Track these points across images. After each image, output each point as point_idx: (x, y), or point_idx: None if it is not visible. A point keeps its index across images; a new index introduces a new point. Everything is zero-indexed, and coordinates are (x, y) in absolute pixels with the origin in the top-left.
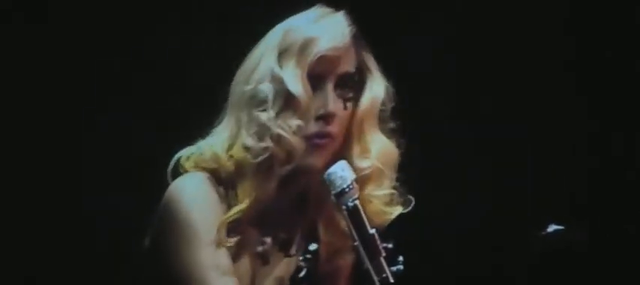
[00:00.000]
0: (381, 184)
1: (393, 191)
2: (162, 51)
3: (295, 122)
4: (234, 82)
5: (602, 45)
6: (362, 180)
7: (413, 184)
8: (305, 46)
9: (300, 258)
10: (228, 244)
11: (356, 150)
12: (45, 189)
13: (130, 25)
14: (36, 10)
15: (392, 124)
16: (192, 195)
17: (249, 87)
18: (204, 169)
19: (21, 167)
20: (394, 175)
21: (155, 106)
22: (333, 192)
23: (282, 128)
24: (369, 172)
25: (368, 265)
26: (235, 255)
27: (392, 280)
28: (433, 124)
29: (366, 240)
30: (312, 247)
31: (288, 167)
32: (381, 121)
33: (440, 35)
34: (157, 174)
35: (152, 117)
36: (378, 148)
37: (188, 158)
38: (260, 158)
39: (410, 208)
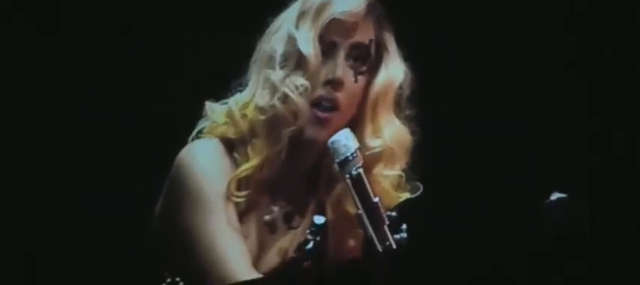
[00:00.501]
0: (392, 165)
1: (402, 174)
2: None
3: (302, 82)
4: (259, 42)
5: (603, 43)
6: (373, 158)
7: (422, 171)
8: (321, 8)
9: (307, 231)
10: (238, 200)
11: (368, 129)
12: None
13: (133, 22)
14: (36, 10)
15: (408, 111)
16: (203, 161)
17: (267, 46)
18: (217, 135)
19: (21, 166)
20: (405, 160)
21: (159, 105)
22: (336, 160)
23: (289, 87)
24: (380, 150)
25: (371, 233)
26: (243, 221)
27: (395, 248)
28: (433, 123)
29: (370, 208)
30: (319, 220)
31: (293, 128)
32: (397, 106)
33: (440, 33)
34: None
35: (154, 117)
36: (392, 130)
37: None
38: (267, 115)
39: (418, 194)
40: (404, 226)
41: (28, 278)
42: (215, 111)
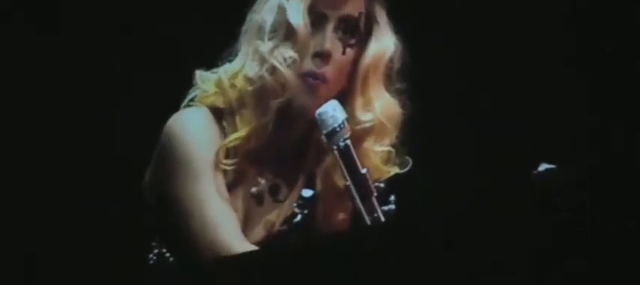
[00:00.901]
0: (382, 140)
1: (392, 149)
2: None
3: (290, 54)
4: (250, 12)
5: (603, 41)
6: (363, 133)
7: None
8: None
9: (295, 204)
10: (226, 168)
11: (358, 102)
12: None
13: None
14: (36, 10)
15: (398, 85)
16: (193, 129)
17: (258, 16)
18: (206, 104)
19: (20, 166)
20: (395, 134)
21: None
22: (324, 131)
23: (277, 60)
24: (371, 125)
25: (359, 205)
26: (230, 193)
27: (383, 219)
28: (433, 120)
29: (358, 180)
30: (307, 193)
31: (281, 100)
32: (387, 79)
33: (440, 30)
34: None
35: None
36: (382, 104)
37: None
38: (255, 86)
39: (407, 169)
40: (392, 198)
41: (27, 279)
42: (205, 80)
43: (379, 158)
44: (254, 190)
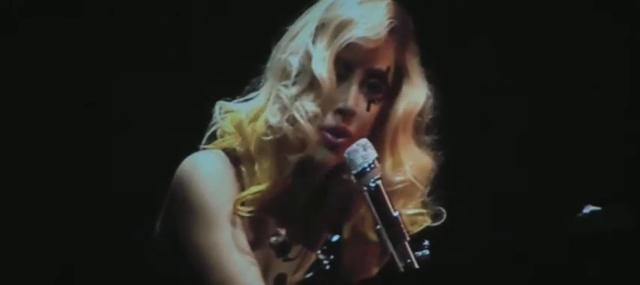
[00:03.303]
0: (412, 199)
1: (423, 211)
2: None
3: (312, 109)
4: (276, 46)
5: None
6: (393, 194)
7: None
8: (340, 27)
9: (319, 252)
10: (243, 214)
11: (388, 162)
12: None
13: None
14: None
15: (428, 138)
16: (206, 172)
17: (283, 56)
18: (222, 147)
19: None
20: (426, 186)
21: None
22: (353, 172)
23: (299, 111)
24: (402, 186)
25: (391, 249)
26: (249, 241)
27: (417, 266)
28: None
29: (389, 223)
30: (333, 238)
31: (301, 155)
32: (417, 133)
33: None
34: None
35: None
36: (413, 163)
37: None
38: (276, 137)
39: (441, 221)
40: (426, 243)
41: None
42: (225, 114)
43: (408, 219)
44: (273, 239)
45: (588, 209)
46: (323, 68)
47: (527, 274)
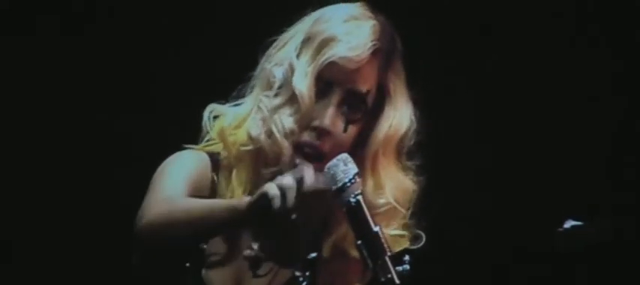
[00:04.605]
0: (393, 222)
1: (404, 232)
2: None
3: (289, 125)
4: (266, 54)
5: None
6: (374, 216)
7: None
8: (323, 44)
9: (297, 270)
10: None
11: (369, 184)
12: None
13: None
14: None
15: (410, 163)
16: (180, 161)
17: (269, 66)
18: (207, 151)
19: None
20: (407, 209)
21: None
22: (333, 187)
23: (276, 125)
24: (384, 210)
25: (372, 265)
26: (224, 257)
27: (397, 281)
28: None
29: (370, 238)
30: (312, 255)
31: (274, 170)
32: (399, 155)
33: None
34: None
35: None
36: (394, 185)
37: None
38: (253, 147)
39: (420, 245)
40: (406, 258)
41: None
42: (213, 124)
43: (390, 239)
44: (247, 253)
45: (569, 224)
46: (303, 84)
47: None
